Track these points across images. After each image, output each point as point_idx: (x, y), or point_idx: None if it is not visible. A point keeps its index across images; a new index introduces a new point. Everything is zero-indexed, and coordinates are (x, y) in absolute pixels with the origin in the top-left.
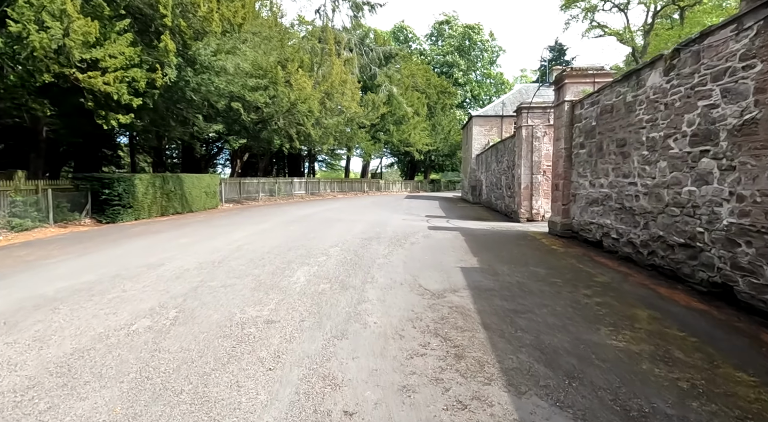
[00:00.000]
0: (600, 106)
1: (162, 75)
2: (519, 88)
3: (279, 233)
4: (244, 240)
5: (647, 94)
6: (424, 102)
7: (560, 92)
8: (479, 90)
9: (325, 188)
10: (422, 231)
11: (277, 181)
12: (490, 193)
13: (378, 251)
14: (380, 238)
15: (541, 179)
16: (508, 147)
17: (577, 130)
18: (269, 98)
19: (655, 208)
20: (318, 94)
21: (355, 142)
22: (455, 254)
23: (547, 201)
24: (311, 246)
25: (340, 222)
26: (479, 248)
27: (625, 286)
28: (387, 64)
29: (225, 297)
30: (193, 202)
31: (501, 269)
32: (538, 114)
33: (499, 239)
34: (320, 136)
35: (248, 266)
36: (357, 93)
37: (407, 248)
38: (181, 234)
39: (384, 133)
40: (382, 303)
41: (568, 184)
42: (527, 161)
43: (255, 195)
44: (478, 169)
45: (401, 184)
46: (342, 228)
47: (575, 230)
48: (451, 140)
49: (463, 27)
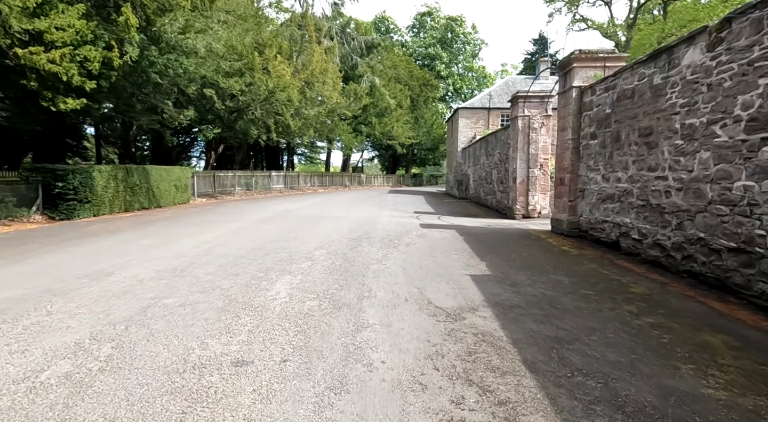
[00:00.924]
0: (617, 91)
1: (120, 53)
2: (506, 80)
3: (256, 233)
4: (215, 241)
5: (683, 75)
6: (407, 94)
7: (567, 78)
8: (461, 83)
9: (305, 182)
10: (415, 229)
11: (255, 175)
12: (478, 188)
13: (371, 254)
14: (371, 238)
15: (538, 173)
16: (500, 139)
17: (586, 119)
18: (245, 85)
19: (693, 205)
20: (297, 83)
21: (336, 134)
22: (459, 258)
23: (544, 196)
24: (293, 248)
25: (324, 220)
26: (483, 250)
27: (670, 300)
28: (369, 55)
29: (182, 323)
30: (161, 197)
31: (518, 277)
32: (535, 103)
33: (501, 239)
34: (300, 128)
35: (217, 275)
36: (338, 82)
37: (403, 250)
38: (144, 233)
39: (366, 126)
40: (388, 330)
41: (575, 179)
42: (523, 154)
43: (230, 189)
44: (465, 163)
45: (383, 178)
46: (326, 227)
47: (584, 229)
48: (433, 134)
49: (445, 19)
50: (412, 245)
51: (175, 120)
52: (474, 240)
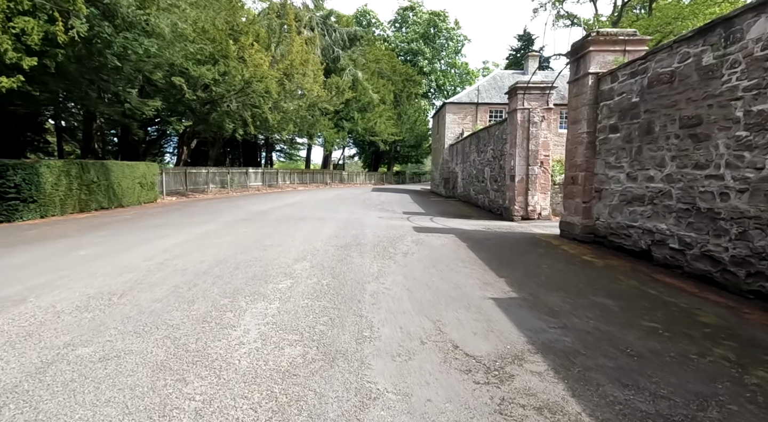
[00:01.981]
0: (648, 76)
1: (65, 28)
2: (494, 75)
3: (226, 238)
4: (175, 250)
5: (748, 51)
6: (391, 89)
7: (580, 63)
8: (444, 79)
9: (284, 179)
10: (409, 233)
11: (230, 172)
12: (468, 187)
13: (364, 268)
14: (360, 246)
15: (538, 171)
16: (494, 135)
17: (604, 109)
18: (219, 75)
19: (764, 211)
20: (276, 74)
21: (317, 129)
22: (471, 272)
23: (544, 196)
24: (269, 260)
25: (305, 222)
26: (495, 261)
27: (761, 336)
28: (351, 47)
29: (91, 398)
30: (123, 195)
31: (552, 301)
32: (535, 95)
33: (509, 246)
34: (279, 122)
35: (167, 303)
36: (320, 75)
37: (401, 262)
38: (91, 240)
39: (348, 121)
40: (408, 405)
41: (591, 177)
42: (522, 150)
43: (204, 186)
44: (452, 161)
45: (365, 176)
46: (308, 230)
47: (601, 234)
48: (417, 131)
49: (428, 14)
50: (411, 255)
51: (140, 111)
52: (479, 247)
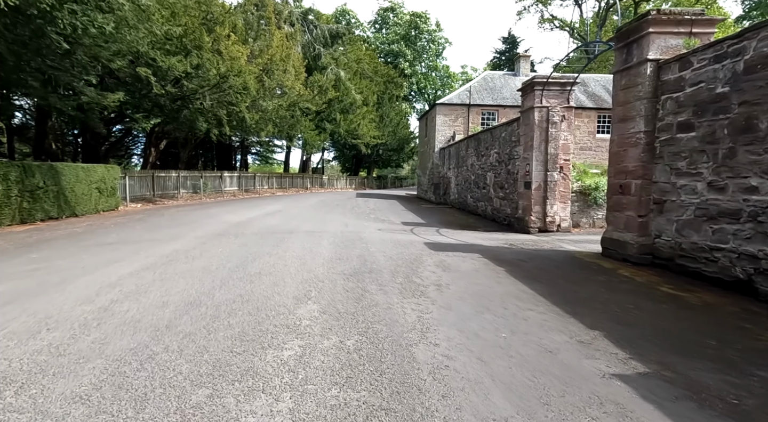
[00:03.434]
0: (747, 58)
1: None
2: (484, 76)
3: (198, 263)
4: (128, 283)
5: None
6: (374, 90)
7: (633, 50)
8: (426, 82)
9: (262, 184)
10: (425, 253)
11: (203, 175)
12: (464, 193)
13: (395, 313)
14: (374, 272)
15: (557, 177)
16: (499, 137)
17: (669, 103)
18: (191, 67)
19: None
20: (255, 69)
21: (297, 130)
22: (542, 319)
23: (564, 205)
24: (260, 300)
25: (295, 237)
26: (557, 296)
27: None
28: (333, 45)
29: None
30: (77, 203)
31: (705, 380)
32: (555, 92)
33: (555, 270)
34: (257, 122)
35: (96, 406)
36: (302, 71)
37: (440, 301)
38: (15, 267)
39: (330, 123)
40: None
41: (648, 186)
42: (540, 154)
43: (174, 192)
44: (443, 165)
45: (346, 180)
46: (301, 249)
47: (664, 255)
48: (399, 134)
49: (409, 15)
50: (445, 287)
51: (98, 105)
52: (521, 273)
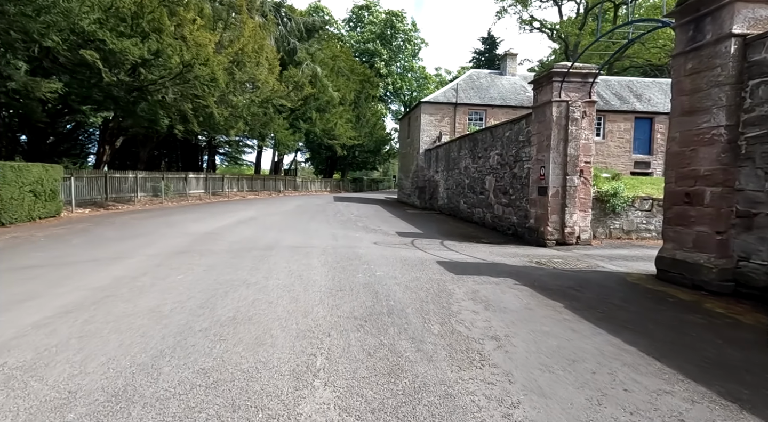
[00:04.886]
0: None
1: None
2: (470, 74)
3: (144, 302)
4: (26, 345)
5: None
6: (352, 88)
7: (707, 23)
8: (401, 83)
9: (231, 186)
10: (447, 279)
11: (165, 177)
12: (456, 198)
13: (455, 409)
14: (395, 315)
15: (578, 182)
16: (501, 136)
17: (763, 90)
18: (150, 53)
19: None
20: (224, 59)
21: (270, 129)
22: (675, 404)
23: (584, 215)
24: (235, 392)
25: (277, 255)
26: (678, 356)
27: None
28: (309, 39)
29: None
30: (3, 209)
31: None
32: (576, 84)
33: (631, 306)
34: (226, 118)
35: None
36: (276, 64)
37: (521, 376)
38: None
39: (305, 122)
40: None
41: (731, 194)
42: (558, 155)
43: (130, 195)
44: (430, 167)
45: (320, 183)
46: (288, 276)
47: (758, 283)
48: (376, 135)
49: (385, 13)
50: (507, 343)
51: (31, 92)
52: (590, 313)
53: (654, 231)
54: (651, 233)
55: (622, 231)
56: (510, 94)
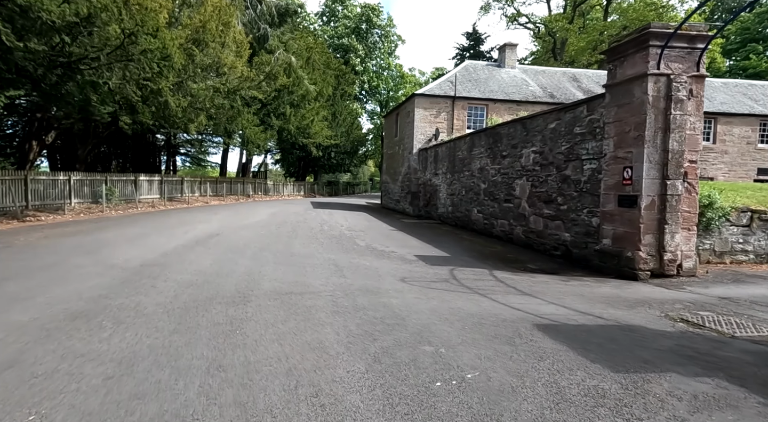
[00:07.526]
0: None
1: None
2: (465, 65)
3: None
4: None
5: None
6: (330, 82)
7: None
8: (378, 81)
9: (192, 190)
10: (613, 392)
11: (109, 179)
12: (464, 206)
13: None
14: None
15: (681, 189)
16: (543, 128)
17: None
18: (75, 16)
19: None
20: (182, 33)
21: (238, 124)
22: None
23: (688, 234)
24: None
25: (254, 321)
26: None
27: None
28: (281, 26)
29: None
30: None
31: None
32: (680, 52)
33: None
34: (185, 109)
35: None
36: (245, 47)
37: None
38: None
39: (278, 118)
40: None
41: None
42: (654, 150)
43: (59, 202)
44: (426, 169)
45: (293, 186)
46: (285, 401)
47: None
48: (352, 135)
49: (360, 7)
50: None
51: None
52: None
53: (752, 252)
54: (748, 255)
55: (713, 254)
56: (512, 88)
